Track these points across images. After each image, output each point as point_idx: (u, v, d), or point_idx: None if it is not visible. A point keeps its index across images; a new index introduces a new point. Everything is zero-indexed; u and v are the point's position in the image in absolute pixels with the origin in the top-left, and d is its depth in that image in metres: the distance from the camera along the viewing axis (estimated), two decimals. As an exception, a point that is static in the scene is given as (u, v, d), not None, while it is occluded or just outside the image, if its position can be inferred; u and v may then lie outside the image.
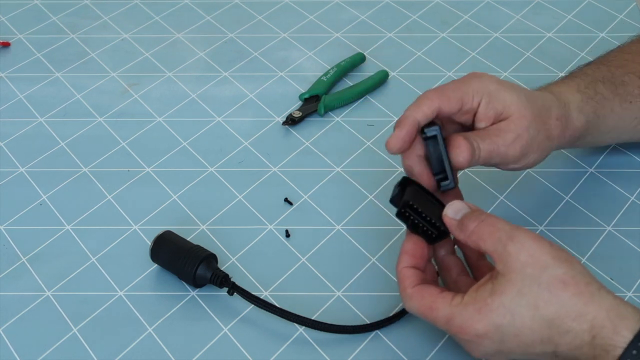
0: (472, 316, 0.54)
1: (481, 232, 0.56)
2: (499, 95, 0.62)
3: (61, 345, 0.64)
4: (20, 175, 0.79)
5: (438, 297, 0.56)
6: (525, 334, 0.53)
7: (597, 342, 0.52)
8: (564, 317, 0.52)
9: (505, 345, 0.54)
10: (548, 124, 0.64)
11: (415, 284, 0.58)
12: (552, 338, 0.53)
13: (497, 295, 0.54)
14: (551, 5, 0.99)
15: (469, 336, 0.54)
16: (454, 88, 0.62)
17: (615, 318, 0.52)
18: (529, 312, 0.53)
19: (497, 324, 0.53)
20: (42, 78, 0.91)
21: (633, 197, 0.75)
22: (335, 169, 0.79)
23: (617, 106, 0.70)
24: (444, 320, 0.55)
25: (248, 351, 0.63)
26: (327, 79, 0.88)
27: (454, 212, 0.58)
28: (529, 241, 0.54)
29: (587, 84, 0.69)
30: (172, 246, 0.68)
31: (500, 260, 0.55)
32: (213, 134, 0.83)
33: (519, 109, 0.62)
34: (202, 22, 0.99)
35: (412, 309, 0.58)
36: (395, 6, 1.00)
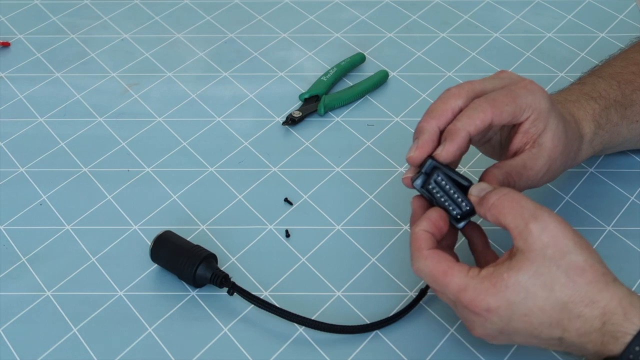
0: (486, 289, 0.54)
1: (502, 206, 0.55)
2: (546, 116, 0.61)
3: (61, 345, 0.64)
4: (20, 175, 0.79)
5: (455, 264, 0.56)
6: (535, 315, 0.53)
7: (606, 328, 0.52)
8: (577, 302, 0.52)
9: (511, 324, 0.54)
10: (570, 155, 0.65)
11: (431, 247, 0.57)
12: (562, 322, 0.53)
13: (514, 271, 0.53)
14: (551, 5, 0.99)
15: (479, 309, 0.54)
16: (508, 101, 0.60)
17: (627, 306, 0.52)
18: (544, 293, 0.53)
19: (510, 300, 0.53)
20: (42, 78, 0.91)
21: (633, 197, 0.75)
22: (335, 169, 0.79)
23: (625, 129, 0.71)
24: (456, 288, 0.55)
25: (248, 351, 0.63)
26: (327, 79, 0.88)
27: (479, 191, 0.58)
28: (553, 222, 0.54)
29: (601, 111, 0.69)
30: (172, 246, 0.68)
31: (520, 237, 0.54)
32: (213, 134, 0.83)
33: (554, 140, 0.62)
34: (202, 22, 0.99)
35: (424, 270, 0.57)
36: (395, 6, 1.01)
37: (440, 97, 0.62)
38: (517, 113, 0.60)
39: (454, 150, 0.59)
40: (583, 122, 0.68)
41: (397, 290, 0.68)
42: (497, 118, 0.59)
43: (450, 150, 0.59)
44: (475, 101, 0.60)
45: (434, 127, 0.60)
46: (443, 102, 0.61)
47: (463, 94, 0.61)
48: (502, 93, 0.61)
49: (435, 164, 0.59)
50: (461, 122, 0.59)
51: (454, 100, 0.61)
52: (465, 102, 0.61)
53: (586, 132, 0.68)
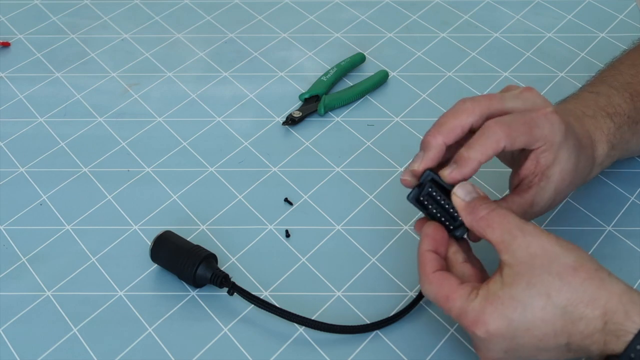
0: (483, 309, 0.53)
1: (491, 220, 0.56)
2: (558, 148, 0.60)
3: (61, 345, 0.64)
4: (20, 175, 0.79)
5: (457, 289, 0.56)
6: (538, 327, 0.53)
7: (608, 327, 0.52)
8: (576, 304, 0.52)
9: (516, 341, 0.54)
10: (577, 184, 0.65)
11: (436, 269, 0.58)
12: (565, 327, 0.53)
13: (506, 287, 0.53)
14: (551, 5, 0.99)
15: (481, 332, 0.54)
16: (524, 131, 0.59)
17: (628, 303, 0.52)
18: (540, 302, 0.52)
19: (509, 317, 0.53)
20: (42, 78, 0.91)
21: (633, 197, 0.75)
22: (335, 169, 0.79)
23: (634, 145, 0.71)
24: (457, 312, 0.55)
25: (248, 351, 0.63)
26: (327, 79, 0.88)
27: (465, 193, 0.58)
28: (538, 234, 0.54)
29: (616, 130, 0.68)
30: (172, 246, 0.68)
31: (507, 251, 0.54)
32: (213, 134, 0.83)
33: (562, 173, 0.61)
34: (202, 22, 0.99)
35: (429, 293, 0.57)
36: (395, 6, 1.01)
37: (452, 109, 0.60)
38: (531, 141, 0.59)
39: (462, 177, 0.58)
40: (598, 145, 0.67)
41: (397, 290, 0.68)
42: (509, 146, 0.58)
43: (458, 177, 0.58)
44: (489, 125, 0.58)
45: (441, 143, 0.59)
46: (454, 117, 0.60)
47: (477, 111, 0.60)
48: (520, 121, 0.59)
49: (433, 176, 0.59)
50: (474, 150, 0.58)
51: (466, 116, 0.59)
52: (478, 121, 0.60)
53: (599, 154, 0.67)
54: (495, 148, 0.58)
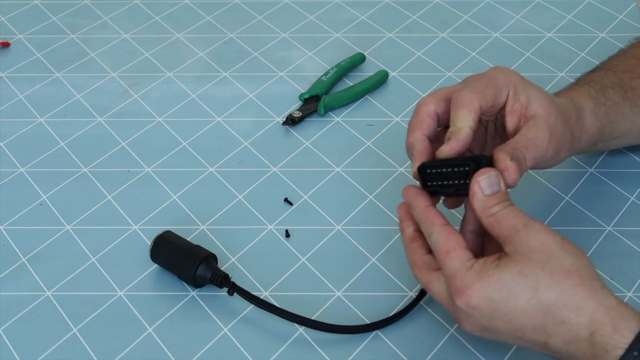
0: (470, 283, 0.54)
1: (500, 217, 0.56)
2: (523, 88, 0.62)
3: (61, 345, 0.64)
4: (20, 175, 0.79)
5: (460, 248, 0.56)
6: (517, 316, 0.53)
7: (596, 339, 0.51)
8: (561, 306, 0.52)
9: (494, 322, 0.54)
10: (570, 122, 0.64)
11: (446, 222, 0.58)
12: (546, 327, 0.52)
13: (499, 269, 0.53)
14: (551, 5, 0.99)
15: (461, 302, 0.54)
16: (487, 84, 0.61)
17: (616, 317, 0.51)
18: (526, 294, 0.52)
19: (491, 297, 0.53)
20: (42, 78, 0.91)
21: (633, 197, 0.75)
22: (335, 169, 0.79)
23: (628, 110, 0.70)
24: (449, 272, 0.55)
25: (248, 351, 0.63)
26: (327, 79, 0.88)
27: (487, 185, 0.57)
28: (542, 231, 0.55)
29: (597, 90, 0.69)
30: (172, 246, 0.68)
31: (510, 243, 0.55)
32: (213, 134, 0.83)
33: (543, 106, 0.61)
34: (202, 22, 0.99)
35: (433, 242, 0.57)
36: (395, 6, 1.01)
37: (413, 112, 0.63)
38: (497, 93, 0.61)
39: (459, 147, 0.59)
40: (578, 98, 0.67)
41: (397, 290, 0.68)
42: (483, 102, 0.60)
43: (455, 147, 0.59)
44: (456, 96, 0.60)
45: (420, 136, 0.61)
46: (417, 114, 0.62)
47: (432, 99, 0.62)
48: (477, 79, 0.62)
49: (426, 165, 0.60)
50: (457, 119, 0.59)
51: (425, 107, 0.62)
52: (437, 105, 0.62)
53: (584, 106, 0.67)
54: (473, 108, 0.59)
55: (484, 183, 0.57)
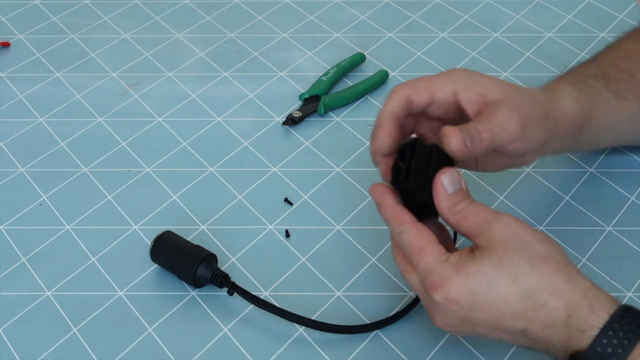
0: (449, 275, 0.53)
1: (467, 212, 0.56)
2: (475, 80, 0.61)
3: (61, 345, 0.64)
4: (20, 175, 0.79)
5: (433, 244, 0.56)
6: (498, 305, 0.53)
7: (572, 321, 0.52)
8: (541, 291, 0.52)
9: (473, 314, 0.54)
10: (540, 101, 0.63)
11: (416, 220, 0.57)
12: (526, 313, 0.52)
13: (476, 261, 0.53)
14: (551, 5, 0.99)
15: (440, 296, 0.53)
16: (422, 79, 0.61)
17: (591, 299, 0.52)
18: (506, 282, 0.53)
19: (472, 289, 0.53)
20: (42, 78, 0.91)
21: (633, 197, 0.75)
22: (335, 169, 0.79)
23: (613, 101, 0.69)
24: (425, 269, 0.54)
25: (248, 351, 0.63)
26: (327, 79, 0.88)
27: (450, 184, 0.57)
28: (513, 221, 0.55)
29: (577, 79, 0.69)
30: (172, 246, 0.68)
31: (481, 236, 0.55)
32: (213, 134, 0.83)
33: (502, 90, 0.61)
34: (202, 22, 0.99)
35: (404, 241, 0.57)
36: (395, 6, 1.01)
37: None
38: (436, 86, 0.61)
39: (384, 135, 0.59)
40: (554, 85, 0.67)
41: (397, 290, 0.68)
42: (414, 93, 0.60)
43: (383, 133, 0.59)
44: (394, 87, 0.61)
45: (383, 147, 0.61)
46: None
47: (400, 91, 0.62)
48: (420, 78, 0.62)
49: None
50: (382, 110, 0.60)
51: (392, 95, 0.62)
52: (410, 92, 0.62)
53: (560, 90, 0.66)
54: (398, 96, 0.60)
55: (447, 182, 0.57)
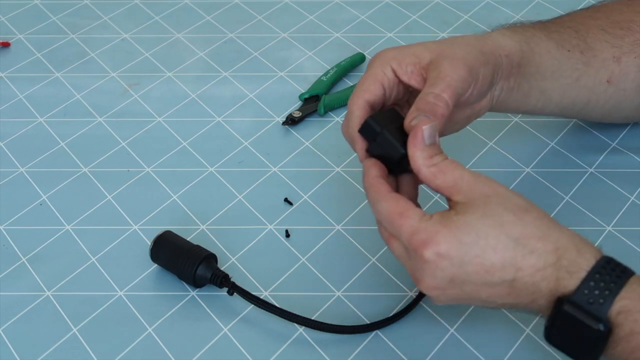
0: (437, 230, 0.53)
1: (444, 167, 0.56)
2: (404, 53, 0.62)
3: (61, 345, 0.64)
4: (20, 175, 0.79)
5: (412, 207, 0.55)
6: (488, 255, 0.53)
7: (561, 263, 0.52)
8: (529, 237, 0.53)
9: (464, 269, 0.53)
10: (470, 42, 0.63)
11: (390, 190, 0.57)
12: (515, 260, 0.52)
13: (461, 215, 0.53)
14: (551, 5, 0.99)
15: (430, 252, 0.53)
16: (366, 77, 0.62)
17: (579, 243, 0.53)
18: (494, 231, 0.53)
19: (462, 240, 0.53)
20: (42, 78, 0.91)
21: (633, 197, 0.75)
22: (335, 169, 0.79)
23: (554, 48, 0.69)
24: (410, 230, 0.54)
25: (248, 351, 0.63)
26: (327, 79, 0.88)
27: (429, 135, 0.57)
28: (489, 179, 0.56)
29: (513, 27, 0.69)
30: (172, 246, 0.68)
31: (459, 192, 0.55)
32: (213, 134, 0.83)
33: (432, 49, 0.62)
34: (202, 22, 0.99)
35: (382, 211, 0.56)
36: (395, 6, 1.01)
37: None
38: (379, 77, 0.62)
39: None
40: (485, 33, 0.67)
41: (397, 290, 0.68)
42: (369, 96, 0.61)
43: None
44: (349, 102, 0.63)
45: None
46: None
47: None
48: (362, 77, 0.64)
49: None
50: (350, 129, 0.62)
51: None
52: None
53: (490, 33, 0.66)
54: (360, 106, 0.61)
55: (427, 132, 0.56)
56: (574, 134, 0.81)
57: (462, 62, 0.60)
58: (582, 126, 0.81)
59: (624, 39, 0.71)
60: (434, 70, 0.60)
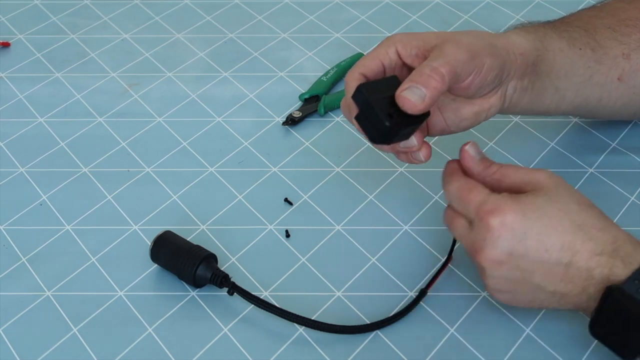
0: (505, 201, 0.56)
1: (505, 171, 0.60)
2: (412, 36, 0.63)
3: (61, 345, 0.64)
4: (20, 175, 0.79)
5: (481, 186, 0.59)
6: (549, 234, 0.56)
7: (617, 253, 0.55)
8: (590, 226, 0.56)
9: (524, 244, 0.56)
10: (482, 35, 0.64)
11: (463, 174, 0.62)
12: (574, 244, 0.55)
13: (530, 196, 0.57)
14: (551, 5, 0.99)
15: (495, 221, 0.56)
16: (368, 54, 0.63)
17: (635, 241, 0.56)
18: (559, 214, 0.56)
19: (527, 215, 0.56)
20: (42, 78, 0.91)
21: (633, 197, 0.75)
22: (335, 169, 0.79)
23: (566, 47, 0.70)
24: (478, 201, 0.58)
25: (248, 351, 0.63)
26: (327, 79, 0.88)
27: (475, 152, 0.62)
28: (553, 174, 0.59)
29: (524, 25, 0.70)
30: (172, 246, 0.68)
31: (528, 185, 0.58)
32: (213, 134, 0.83)
33: (440, 36, 0.63)
34: (202, 22, 0.99)
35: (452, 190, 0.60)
36: (395, 6, 1.01)
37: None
38: (381, 55, 0.63)
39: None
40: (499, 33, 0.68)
41: (397, 290, 0.68)
42: (366, 70, 0.62)
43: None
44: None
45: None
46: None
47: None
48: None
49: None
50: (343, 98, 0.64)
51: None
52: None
53: (506, 32, 0.67)
54: (354, 78, 0.62)
55: (473, 150, 0.61)
56: (574, 134, 0.81)
57: (466, 47, 0.61)
58: (582, 126, 0.81)
59: (631, 36, 0.72)
60: (436, 50, 0.61)
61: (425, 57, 0.61)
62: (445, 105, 0.65)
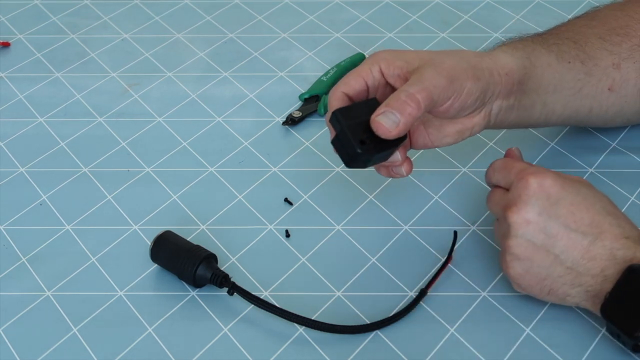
0: (547, 171, 0.60)
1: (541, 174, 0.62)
2: (396, 56, 0.64)
3: (61, 345, 0.64)
4: (20, 175, 0.79)
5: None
6: (581, 209, 0.58)
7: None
8: (620, 216, 0.59)
9: (555, 209, 0.58)
10: (465, 57, 0.64)
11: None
12: (603, 224, 0.58)
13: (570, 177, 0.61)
14: (551, 5, 0.99)
15: (534, 181, 0.59)
16: (352, 72, 0.64)
17: None
18: (593, 199, 0.60)
19: (564, 187, 0.59)
20: (42, 78, 0.91)
21: (633, 197, 0.75)
22: (335, 169, 0.79)
23: (554, 61, 0.70)
24: (522, 167, 0.62)
25: (248, 351, 0.63)
26: (327, 79, 0.88)
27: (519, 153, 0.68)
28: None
29: (511, 40, 0.71)
30: (172, 246, 0.68)
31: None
32: (213, 134, 0.83)
33: (423, 57, 0.63)
34: (202, 22, 0.99)
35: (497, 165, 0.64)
36: (395, 6, 1.01)
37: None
38: (364, 73, 0.64)
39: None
40: (487, 51, 0.68)
41: (397, 290, 0.68)
42: (349, 89, 0.64)
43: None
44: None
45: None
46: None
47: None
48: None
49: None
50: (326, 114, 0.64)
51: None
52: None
53: (492, 50, 0.68)
54: (337, 97, 0.63)
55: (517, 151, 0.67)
56: (574, 134, 0.81)
57: (446, 71, 0.61)
58: (582, 127, 0.81)
59: (622, 45, 0.72)
60: (415, 74, 0.61)
61: (407, 79, 0.62)
62: (428, 121, 0.66)
